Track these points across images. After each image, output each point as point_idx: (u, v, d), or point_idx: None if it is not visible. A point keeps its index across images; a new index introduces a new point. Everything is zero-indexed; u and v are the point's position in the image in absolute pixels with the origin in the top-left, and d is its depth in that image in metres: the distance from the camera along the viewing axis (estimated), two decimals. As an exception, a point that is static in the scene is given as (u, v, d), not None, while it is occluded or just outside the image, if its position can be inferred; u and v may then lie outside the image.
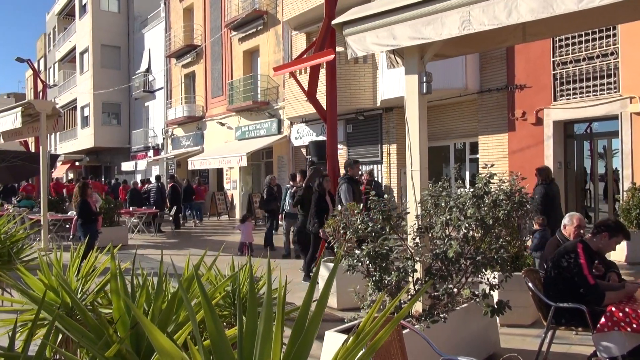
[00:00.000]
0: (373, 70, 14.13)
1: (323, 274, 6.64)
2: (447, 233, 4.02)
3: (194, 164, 20.08)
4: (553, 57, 11.05)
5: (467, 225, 3.89)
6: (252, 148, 17.56)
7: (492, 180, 4.09)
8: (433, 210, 4.19)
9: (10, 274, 3.09)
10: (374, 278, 3.82)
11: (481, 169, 4.21)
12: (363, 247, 3.85)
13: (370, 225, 3.93)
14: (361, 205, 5.66)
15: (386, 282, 3.80)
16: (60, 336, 2.07)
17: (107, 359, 1.17)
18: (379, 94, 13.73)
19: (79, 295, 2.30)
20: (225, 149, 19.40)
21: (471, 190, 4.11)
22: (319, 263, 2.67)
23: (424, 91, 4.52)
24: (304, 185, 9.18)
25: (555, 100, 11.07)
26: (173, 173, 22.93)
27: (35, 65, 31.42)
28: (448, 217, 3.99)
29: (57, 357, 2.06)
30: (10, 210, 12.74)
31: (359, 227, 4.03)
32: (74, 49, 32.62)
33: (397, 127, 14.25)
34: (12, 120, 10.79)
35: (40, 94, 21.97)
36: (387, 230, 4.04)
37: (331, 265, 6.59)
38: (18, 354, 1.13)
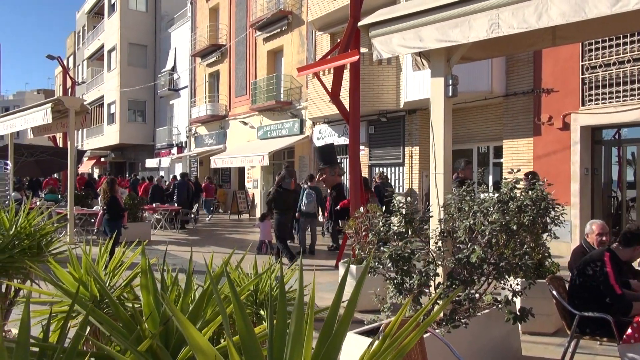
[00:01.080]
0: (397, 72, 14.07)
1: (342, 274, 6.62)
2: (471, 238, 3.98)
3: (216, 162, 20.27)
4: (582, 61, 10.84)
5: (490, 230, 3.85)
6: (274, 148, 17.65)
7: (517, 186, 4.04)
8: (456, 215, 4.16)
9: (39, 266, 3.17)
10: (395, 281, 3.80)
11: (507, 174, 4.15)
12: (384, 249, 3.84)
13: (393, 228, 3.92)
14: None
15: (407, 285, 3.78)
16: (88, 328, 2.12)
17: (140, 354, 1.20)
18: (403, 96, 13.65)
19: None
20: (247, 148, 19.55)
21: (496, 195, 4.06)
22: (346, 264, 2.67)
23: (450, 94, 4.50)
24: (275, 185, 9.92)
25: (583, 105, 10.86)
26: (186, 172, 23.15)
27: (65, 63, 32.14)
28: (472, 221, 3.96)
29: (85, 349, 2.11)
30: (38, 204, 13.10)
31: (381, 229, 4.02)
32: (102, 47, 33.27)
33: (420, 130, 14.15)
34: (42, 116, 11.07)
35: (69, 90, 22.47)
36: (410, 233, 4.03)
37: (354, 267, 6.58)
38: (53, 345, 1.16)
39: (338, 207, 10.89)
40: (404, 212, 4.05)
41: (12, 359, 1.04)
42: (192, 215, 16.50)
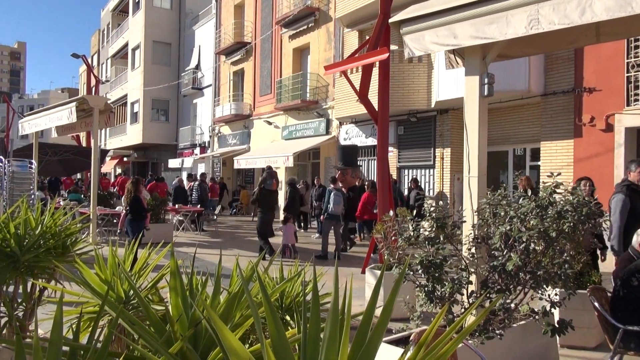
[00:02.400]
0: (428, 70, 13.97)
1: (371, 281, 6.62)
2: (507, 244, 3.93)
3: (240, 162, 20.48)
4: (627, 59, 10.56)
5: (528, 237, 3.79)
6: (299, 148, 17.73)
7: (557, 190, 3.97)
8: (491, 220, 4.11)
9: (65, 267, 3.27)
10: (426, 288, 3.78)
11: (545, 178, 4.09)
12: (416, 255, 3.82)
13: (424, 233, 3.90)
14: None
15: (439, 293, 3.75)
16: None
17: (171, 356, 1.23)
18: (434, 95, 13.55)
19: (132, 292, 2.41)
20: (271, 149, 19.70)
21: (534, 199, 3.99)
22: (379, 269, 2.67)
23: (485, 93, 4.45)
24: (258, 186, 10.83)
25: (628, 105, 10.57)
26: (205, 172, 23.36)
27: (89, 61, 32.97)
28: (508, 227, 3.90)
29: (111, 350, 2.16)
30: (62, 204, 13.46)
31: (411, 234, 4.01)
32: (126, 45, 34.01)
33: (452, 130, 14.01)
34: (67, 114, 11.39)
35: (93, 89, 23.06)
36: (442, 238, 4.00)
37: (376, 271, 6.56)
38: (85, 345, 1.21)
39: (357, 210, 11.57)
40: (435, 216, 4.02)
41: (46, 358, 1.08)
42: (211, 216, 16.68)
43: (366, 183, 12.41)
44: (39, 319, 1.93)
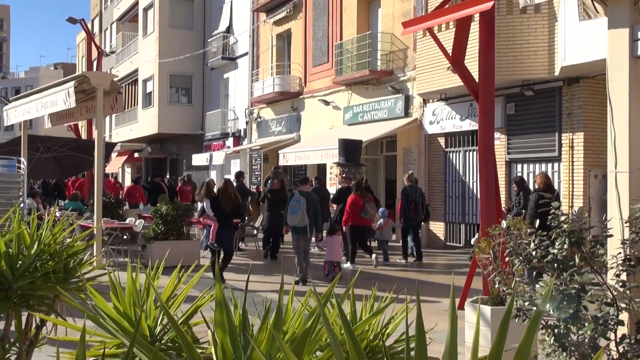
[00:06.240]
0: (550, 24, 13.63)
1: (472, 319, 6.53)
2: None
3: (287, 157, 20.70)
4: None
5: None
6: (368, 137, 17.74)
7: None
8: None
9: (70, 295, 3.42)
10: (556, 330, 3.72)
11: None
12: (541, 282, 3.77)
13: (553, 252, 3.84)
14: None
15: (575, 337, 3.69)
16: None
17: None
18: (559, 59, 13.22)
19: (158, 328, 2.50)
20: (329, 138, 19.76)
21: None
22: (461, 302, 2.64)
23: (638, 53, 4.33)
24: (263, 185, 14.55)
25: None
26: (242, 171, 23.54)
27: (89, 27, 34.36)
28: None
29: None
30: (58, 214, 14.14)
31: (533, 253, 3.97)
32: (136, 4, 35.17)
33: (586, 107, 13.62)
34: (63, 98, 11.89)
35: (95, 64, 24.02)
36: (577, 260, 3.93)
37: (488, 308, 6.46)
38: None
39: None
40: (567, 229, 3.95)
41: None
42: (256, 232, 16.94)
43: (352, 183, 13.95)
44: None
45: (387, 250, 14.25)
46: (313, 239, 12.27)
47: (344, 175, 14.87)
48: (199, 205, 12.79)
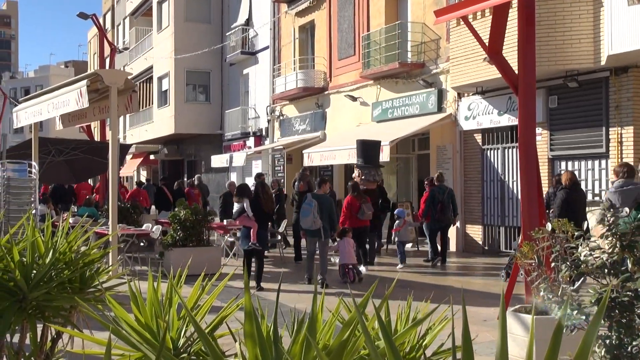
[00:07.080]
0: (595, 10, 13.51)
1: (515, 330, 6.48)
2: None
3: (312, 157, 20.74)
4: None
5: None
6: (398, 134, 17.70)
7: None
8: None
9: (87, 305, 3.47)
10: (607, 341, 3.68)
11: None
12: (590, 289, 3.73)
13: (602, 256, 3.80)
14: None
15: (629, 348, 3.65)
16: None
17: None
18: (605, 47, 13.09)
19: (181, 341, 2.53)
20: (357, 136, 19.70)
21: None
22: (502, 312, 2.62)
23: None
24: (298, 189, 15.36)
25: None
26: (262, 172, 23.60)
27: (101, 22, 34.74)
28: None
29: None
30: (71, 221, 14.30)
31: (583, 257, 3.92)
32: (150, -4, 35.43)
33: (635, 99, 13.48)
34: (75, 98, 12.06)
35: (107, 61, 24.25)
36: (630, 265, 3.88)
37: (526, 317, 6.41)
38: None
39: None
40: (619, 231, 3.90)
41: None
42: (279, 237, 17.00)
43: (349, 184, 14.75)
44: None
45: (404, 252, 14.55)
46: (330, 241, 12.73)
47: (362, 177, 15.16)
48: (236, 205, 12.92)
